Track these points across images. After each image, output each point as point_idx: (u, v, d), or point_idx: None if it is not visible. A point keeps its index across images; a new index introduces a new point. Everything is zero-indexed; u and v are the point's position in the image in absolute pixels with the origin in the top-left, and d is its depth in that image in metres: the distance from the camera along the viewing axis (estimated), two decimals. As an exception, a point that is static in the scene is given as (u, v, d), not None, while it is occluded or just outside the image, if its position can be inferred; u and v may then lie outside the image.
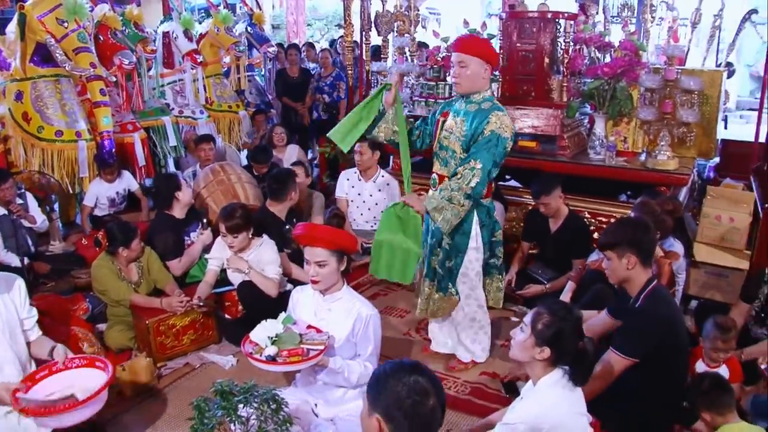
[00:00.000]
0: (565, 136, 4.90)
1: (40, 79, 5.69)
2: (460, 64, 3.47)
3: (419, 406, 1.65)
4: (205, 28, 7.55)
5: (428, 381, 1.72)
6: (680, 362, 3.06)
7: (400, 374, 1.71)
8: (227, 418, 2.51)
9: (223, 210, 4.23)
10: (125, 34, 6.38)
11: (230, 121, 7.64)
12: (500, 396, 3.62)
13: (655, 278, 3.04)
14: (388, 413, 1.68)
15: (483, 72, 3.49)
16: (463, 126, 3.51)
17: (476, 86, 3.51)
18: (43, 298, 4.09)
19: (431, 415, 1.68)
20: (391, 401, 1.67)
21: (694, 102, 4.72)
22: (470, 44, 3.51)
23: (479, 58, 3.45)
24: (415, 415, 1.66)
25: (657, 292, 2.98)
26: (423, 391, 1.68)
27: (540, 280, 4.57)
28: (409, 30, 6.18)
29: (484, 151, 3.38)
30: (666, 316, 2.95)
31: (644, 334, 2.91)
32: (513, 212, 5.11)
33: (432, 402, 1.68)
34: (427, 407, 1.67)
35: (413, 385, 1.69)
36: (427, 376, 1.73)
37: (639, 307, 2.97)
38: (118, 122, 6.11)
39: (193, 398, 2.63)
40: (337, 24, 15.11)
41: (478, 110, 3.49)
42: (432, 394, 1.69)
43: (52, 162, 5.65)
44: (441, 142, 3.63)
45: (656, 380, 2.95)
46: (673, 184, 4.60)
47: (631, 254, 2.93)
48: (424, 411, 1.66)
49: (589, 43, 5.21)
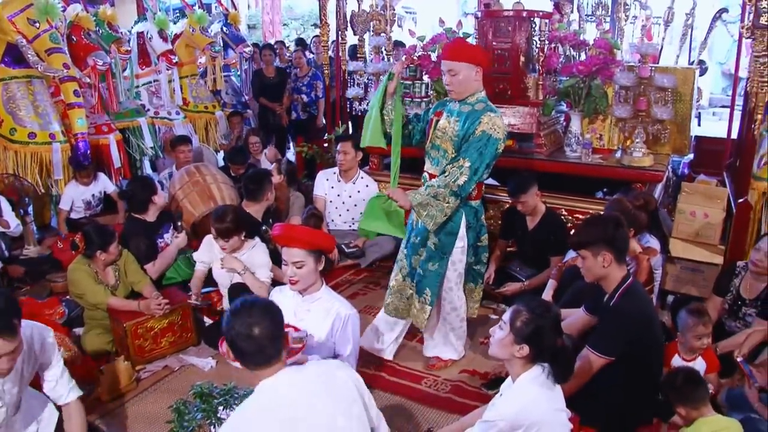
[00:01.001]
0: (542, 134, 4.93)
1: (11, 80, 5.61)
2: (451, 72, 3.48)
3: (248, 335, 2.04)
4: (180, 29, 7.50)
5: (257, 316, 2.07)
6: (655, 358, 3.11)
7: (237, 313, 2.08)
8: (207, 421, 2.50)
9: (215, 213, 4.24)
10: (99, 34, 6.31)
11: (206, 122, 7.61)
12: (480, 393, 3.63)
13: (630, 275, 3.07)
14: (229, 340, 2.10)
15: (474, 75, 3.50)
16: (456, 126, 3.52)
17: (469, 90, 3.53)
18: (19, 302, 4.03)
19: (260, 341, 2.05)
20: (232, 333, 2.07)
21: (668, 99, 4.77)
22: (457, 50, 3.52)
23: (468, 63, 3.45)
24: (246, 339, 2.05)
25: (632, 290, 3.01)
26: (250, 324, 2.04)
27: (518, 278, 4.60)
28: (385, 29, 6.18)
29: (473, 150, 3.40)
30: (641, 314, 2.98)
31: (619, 332, 2.94)
32: (490, 210, 5.12)
33: (258, 331, 2.04)
34: (254, 335, 2.04)
35: (244, 320, 2.06)
36: (257, 313, 2.07)
37: (614, 306, 3.00)
38: (93, 124, 6.05)
39: (172, 401, 2.62)
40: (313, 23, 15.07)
41: (471, 111, 3.50)
42: (256, 326, 2.04)
43: (26, 164, 5.58)
44: (433, 141, 3.64)
45: (632, 375, 2.99)
46: (648, 180, 4.64)
47: (606, 252, 2.96)
48: (253, 337, 2.04)
49: (564, 41, 5.25)
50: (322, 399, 2.10)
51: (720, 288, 3.81)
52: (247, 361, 2.10)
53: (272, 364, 2.10)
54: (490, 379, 3.76)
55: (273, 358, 2.11)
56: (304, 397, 2.08)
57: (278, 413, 2.04)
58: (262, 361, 2.10)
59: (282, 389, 2.09)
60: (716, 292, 3.83)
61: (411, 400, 3.59)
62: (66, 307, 4.17)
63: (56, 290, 4.84)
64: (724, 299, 3.77)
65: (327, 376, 2.18)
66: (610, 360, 2.93)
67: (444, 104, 3.73)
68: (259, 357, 2.09)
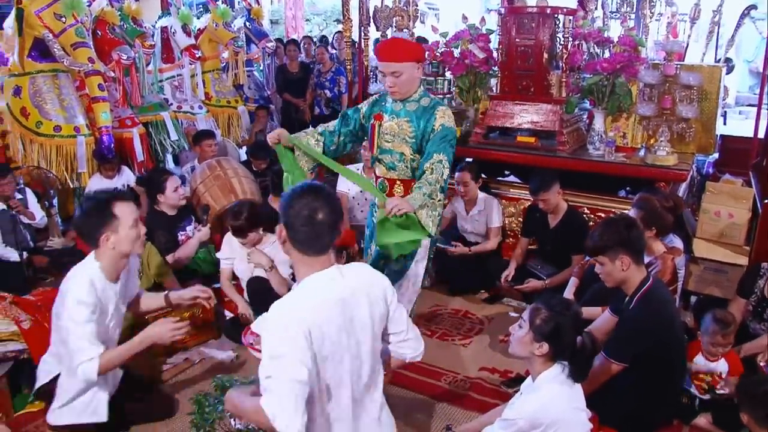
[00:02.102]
0: (564, 132, 4.89)
1: (38, 74, 5.68)
2: (394, 74, 3.31)
3: (310, 218, 2.01)
4: (203, 23, 7.55)
5: (322, 201, 2.03)
6: (676, 359, 3.06)
7: (301, 195, 2.05)
8: (227, 413, 2.52)
9: (230, 211, 4.27)
10: (123, 29, 6.38)
11: (229, 117, 7.65)
12: (500, 391, 3.62)
13: (649, 278, 3.01)
14: (287, 222, 2.04)
15: (416, 72, 3.38)
16: (409, 127, 3.41)
17: (413, 87, 3.42)
18: (43, 292, 4.08)
19: (320, 227, 2.02)
20: (291, 213, 2.02)
21: (694, 98, 4.71)
22: (398, 50, 3.35)
23: (410, 62, 3.32)
24: (307, 224, 2.01)
25: (652, 293, 2.95)
26: (314, 208, 2.01)
27: (539, 276, 4.57)
28: (408, 25, 6.16)
29: (444, 144, 3.30)
30: (659, 318, 2.93)
31: (635, 339, 2.91)
32: (512, 208, 5.11)
33: (321, 216, 2.00)
34: (316, 220, 2.00)
35: (308, 202, 2.02)
36: (322, 198, 2.05)
37: (631, 311, 2.95)
38: (117, 117, 6.10)
39: (193, 393, 2.64)
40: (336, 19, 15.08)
41: (419, 108, 3.41)
42: (320, 210, 2.01)
43: (51, 157, 5.65)
44: (381, 146, 3.51)
45: (653, 376, 2.96)
46: (672, 179, 4.59)
47: (624, 254, 2.91)
48: (314, 222, 2.01)
49: (588, 38, 5.20)
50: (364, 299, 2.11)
51: (744, 289, 3.76)
52: (301, 245, 2.06)
53: (321, 255, 2.08)
54: (510, 377, 3.75)
55: (326, 249, 2.09)
56: (353, 291, 2.08)
57: (334, 294, 2.04)
58: (317, 248, 2.06)
59: (332, 277, 2.08)
60: (740, 294, 3.78)
61: (430, 396, 3.59)
62: (89, 298, 4.20)
63: (79, 282, 4.90)
64: (748, 301, 3.72)
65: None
66: (623, 366, 2.90)
67: (379, 106, 3.57)
68: (315, 243, 2.06)
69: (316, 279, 2.07)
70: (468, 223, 5.01)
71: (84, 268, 2.82)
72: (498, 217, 4.90)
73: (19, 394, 3.56)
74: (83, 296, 2.76)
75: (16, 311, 3.62)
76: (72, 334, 2.74)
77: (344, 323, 2.03)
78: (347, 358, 2.06)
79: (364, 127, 3.63)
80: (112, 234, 2.70)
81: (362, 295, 2.10)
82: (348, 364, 2.06)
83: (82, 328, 2.74)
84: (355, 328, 2.07)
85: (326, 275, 2.07)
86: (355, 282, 2.11)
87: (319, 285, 2.06)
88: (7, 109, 5.70)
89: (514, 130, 5.10)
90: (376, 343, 2.17)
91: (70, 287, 2.80)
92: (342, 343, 2.03)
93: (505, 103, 5.11)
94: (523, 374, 3.24)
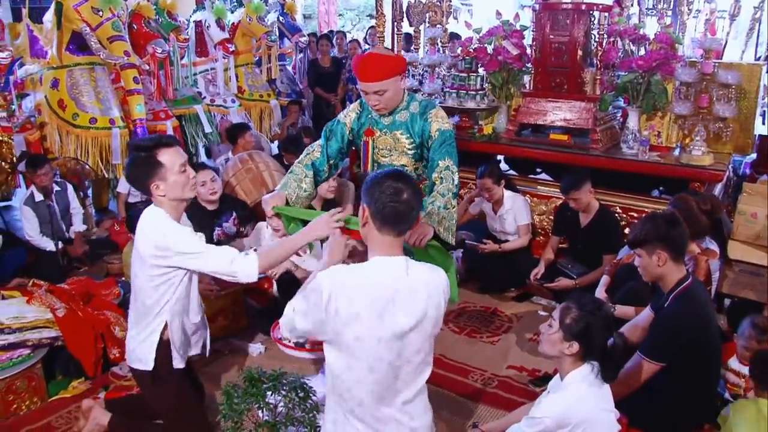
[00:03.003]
0: (598, 130, 4.84)
1: (75, 66, 5.79)
2: (379, 93, 3.13)
3: (396, 195, 2.04)
4: (237, 18, 7.60)
5: (405, 183, 2.08)
6: (710, 361, 3.00)
7: (386, 176, 2.09)
8: (255, 405, 2.54)
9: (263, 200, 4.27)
10: (158, 23, 6.46)
11: (261, 111, 7.71)
12: (527, 390, 3.61)
13: (689, 276, 2.96)
14: (373, 199, 2.06)
15: (401, 83, 3.22)
16: (406, 138, 3.29)
17: (399, 98, 3.25)
18: (77, 281, 4.17)
19: (405, 205, 2.05)
20: (374, 199, 2.06)
21: (731, 96, 4.63)
22: (378, 68, 3.13)
23: (393, 77, 3.14)
24: (393, 200, 2.04)
25: (689, 292, 2.89)
26: (399, 188, 2.04)
27: (569, 275, 4.53)
28: (441, 21, 6.14)
29: (446, 149, 3.17)
30: (695, 318, 2.87)
31: (671, 338, 2.85)
32: (543, 206, 5.07)
33: (406, 196, 2.04)
34: (402, 198, 2.04)
35: (392, 183, 2.06)
36: (405, 180, 2.09)
37: (666, 309, 2.91)
38: (151, 110, 6.19)
39: (221, 384, 2.66)
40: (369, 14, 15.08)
41: (410, 117, 3.27)
42: (405, 191, 2.04)
43: (87, 149, 5.75)
44: (379, 161, 3.39)
45: (685, 378, 2.90)
46: (708, 180, 4.51)
47: (662, 250, 2.87)
48: (400, 200, 2.04)
49: (623, 35, 5.14)
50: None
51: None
52: (383, 223, 2.06)
53: (398, 236, 2.10)
54: (538, 376, 3.72)
55: (404, 231, 2.12)
56: (411, 287, 2.08)
57: (389, 281, 2.06)
58: (399, 227, 2.08)
59: (398, 265, 2.09)
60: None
61: (457, 394, 3.59)
62: (122, 288, 4.28)
63: (112, 271, 4.99)
64: (784, 304, 3.65)
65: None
66: (660, 366, 2.85)
67: (368, 120, 3.38)
68: (398, 222, 2.07)
69: (382, 261, 2.09)
70: (497, 222, 4.98)
71: (152, 215, 2.72)
72: (526, 214, 4.87)
73: (53, 380, 3.64)
74: (170, 225, 2.67)
75: (51, 299, 3.71)
76: (197, 257, 2.63)
77: (385, 310, 2.02)
78: (380, 348, 2.04)
79: (352, 143, 3.47)
80: (161, 182, 2.65)
81: (422, 293, 2.09)
82: (380, 352, 2.04)
83: (201, 244, 2.67)
84: (398, 321, 2.04)
85: (393, 261, 2.09)
86: (418, 279, 2.10)
87: (382, 266, 2.08)
88: (45, 101, 5.81)
89: (547, 127, 5.05)
90: (426, 342, 2.14)
91: (150, 233, 2.66)
92: (374, 327, 2.02)
93: (538, 100, 5.07)
94: (552, 373, 3.21)
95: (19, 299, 3.77)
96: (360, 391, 2.06)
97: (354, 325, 2.00)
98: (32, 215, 5.00)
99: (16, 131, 5.36)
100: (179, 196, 2.71)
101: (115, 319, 3.84)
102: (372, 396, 2.07)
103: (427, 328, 2.11)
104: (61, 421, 3.37)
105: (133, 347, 2.81)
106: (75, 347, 3.64)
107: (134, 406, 3.17)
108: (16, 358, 3.39)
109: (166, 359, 2.77)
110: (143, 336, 2.76)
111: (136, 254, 2.70)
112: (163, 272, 2.66)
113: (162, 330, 2.74)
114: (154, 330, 2.74)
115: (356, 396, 2.07)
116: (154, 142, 2.71)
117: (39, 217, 5.02)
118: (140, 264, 2.69)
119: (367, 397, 2.07)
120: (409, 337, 2.07)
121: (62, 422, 3.36)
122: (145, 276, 2.68)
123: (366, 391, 2.06)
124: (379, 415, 2.10)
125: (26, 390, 3.42)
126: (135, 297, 2.80)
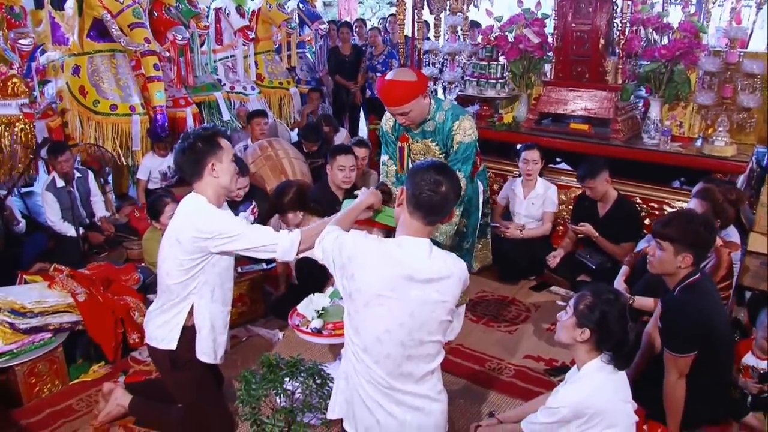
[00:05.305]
0: (619, 120, 4.79)
1: (96, 53, 5.82)
2: (403, 114, 3.40)
3: (436, 185, 2.11)
4: (257, 5, 7.61)
5: (448, 176, 2.15)
6: (722, 353, 2.95)
7: (430, 167, 2.16)
8: (273, 391, 2.55)
9: (277, 187, 4.34)
10: (179, 9, 6.47)
11: (281, 98, 7.71)
12: (544, 380, 3.60)
13: (698, 271, 2.90)
14: (413, 184, 2.13)
15: (423, 100, 3.43)
16: (435, 146, 3.60)
17: (425, 112, 3.50)
18: (97, 267, 4.21)
19: (441, 196, 2.11)
20: (414, 184, 2.12)
21: (756, 87, 4.55)
22: (400, 94, 3.34)
23: (415, 99, 3.35)
24: (432, 189, 2.11)
25: (696, 286, 2.85)
26: (439, 180, 2.11)
27: (587, 265, 4.51)
28: (462, 8, 6.10)
29: (464, 159, 3.49)
30: (699, 310, 2.81)
31: (682, 326, 2.81)
32: (562, 195, 5.03)
33: (444, 188, 2.11)
34: (440, 189, 2.10)
35: (435, 174, 2.13)
36: (448, 173, 2.18)
37: (672, 300, 2.86)
38: (171, 97, 6.21)
39: (238, 370, 2.68)
40: (389, 2, 15.00)
41: (437, 127, 3.55)
42: (444, 183, 2.11)
43: (107, 135, 5.78)
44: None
45: (697, 372, 2.85)
46: (730, 171, 4.45)
47: (689, 254, 2.83)
48: (438, 191, 2.11)
49: (646, 24, 5.07)
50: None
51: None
52: (416, 207, 2.12)
53: (428, 225, 2.15)
54: (555, 365, 3.71)
55: (434, 221, 2.18)
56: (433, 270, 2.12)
57: (406, 260, 2.11)
58: (431, 215, 2.13)
59: (423, 246, 2.14)
60: (798, 290, 3.65)
61: (474, 382, 3.59)
62: (141, 273, 4.32)
63: (132, 257, 5.03)
64: (806, 297, 3.60)
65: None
66: (692, 356, 2.79)
67: (404, 129, 3.66)
68: (432, 209, 2.12)
69: (407, 239, 2.14)
70: (523, 207, 4.95)
71: (195, 200, 2.73)
72: (555, 203, 4.89)
73: (74, 363, 3.68)
74: (212, 210, 2.70)
75: (72, 284, 3.75)
76: (240, 238, 2.64)
77: (399, 285, 2.07)
78: (390, 315, 2.09)
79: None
80: (217, 162, 2.70)
81: (441, 278, 2.12)
82: (391, 318, 2.08)
83: (242, 225, 2.70)
84: (412, 296, 2.08)
85: (418, 242, 2.13)
86: (440, 265, 2.13)
87: (406, 244, 2.13)
88: (66, 88, 5.85)
89: (568, 116, 5.02)
90: (437, 325, 2.16)
91: (193, 216, 2.68)
92: (385, 295, 2.08)
93: (559, 89, 5.03)
94: (569, 364, 3.20)
95: (41, 284, 3.81)
96: (370, 359, 2.12)
97: (367, 291, 2.09)
98: (54, 201, 5.05)
99: (37, 118, 5.39)
100: (227, 183, 2.78)
101: (135, 304, 3.87)
102: (383, 370, 2.11)
103: (439, 312, 2.12)
104: (82, 404, 3.41)
105: (156, 327, 2.84)
106: (95, 332, 3.68)
107: (153, 391, 3.22)
108: (38, 341, 3.43)
109: (189, 345, 2.80)
110: (168, 317, 2.80)
111: (170, 238, 2.73)
112: (197, 257, 2.69)
113: (187, 315, 2.77)
114: (179, 312, 2.78)
115: (369, 364, 2.13)
116: (213, 129, 2.84)
117: (60, 203, 5.06)
118: (174, 248, 2.71)
119: (377, 369, 2.12)
120: (421, 315, 2.09)
121: (83, 405, 3.41)
122: (175, 261, 2.71)
123: (373, 362, 2.11)
124: (389, 391, 2.13)
125: (48, 373, 3.46)
126: (161, 281, 2.83)
